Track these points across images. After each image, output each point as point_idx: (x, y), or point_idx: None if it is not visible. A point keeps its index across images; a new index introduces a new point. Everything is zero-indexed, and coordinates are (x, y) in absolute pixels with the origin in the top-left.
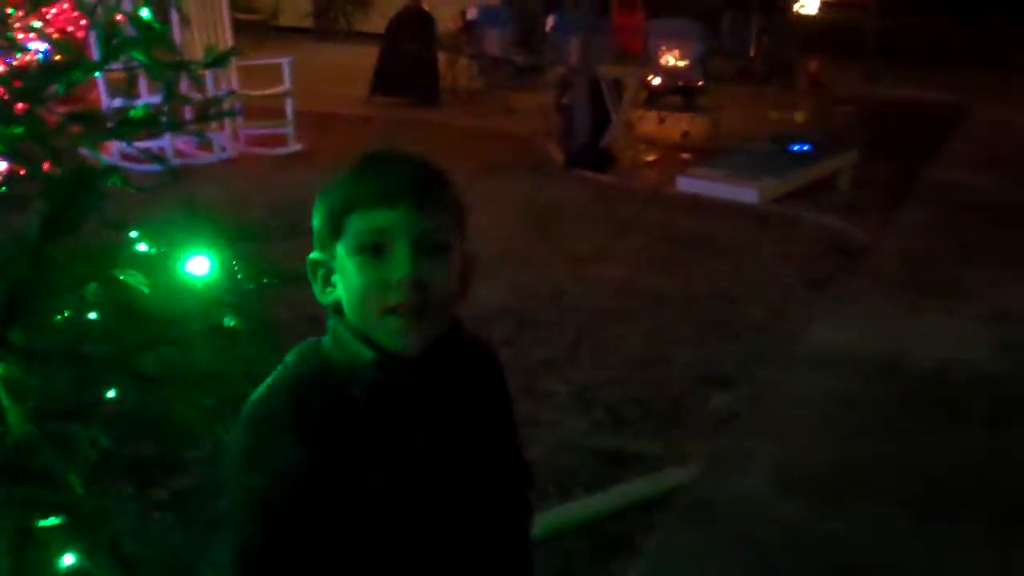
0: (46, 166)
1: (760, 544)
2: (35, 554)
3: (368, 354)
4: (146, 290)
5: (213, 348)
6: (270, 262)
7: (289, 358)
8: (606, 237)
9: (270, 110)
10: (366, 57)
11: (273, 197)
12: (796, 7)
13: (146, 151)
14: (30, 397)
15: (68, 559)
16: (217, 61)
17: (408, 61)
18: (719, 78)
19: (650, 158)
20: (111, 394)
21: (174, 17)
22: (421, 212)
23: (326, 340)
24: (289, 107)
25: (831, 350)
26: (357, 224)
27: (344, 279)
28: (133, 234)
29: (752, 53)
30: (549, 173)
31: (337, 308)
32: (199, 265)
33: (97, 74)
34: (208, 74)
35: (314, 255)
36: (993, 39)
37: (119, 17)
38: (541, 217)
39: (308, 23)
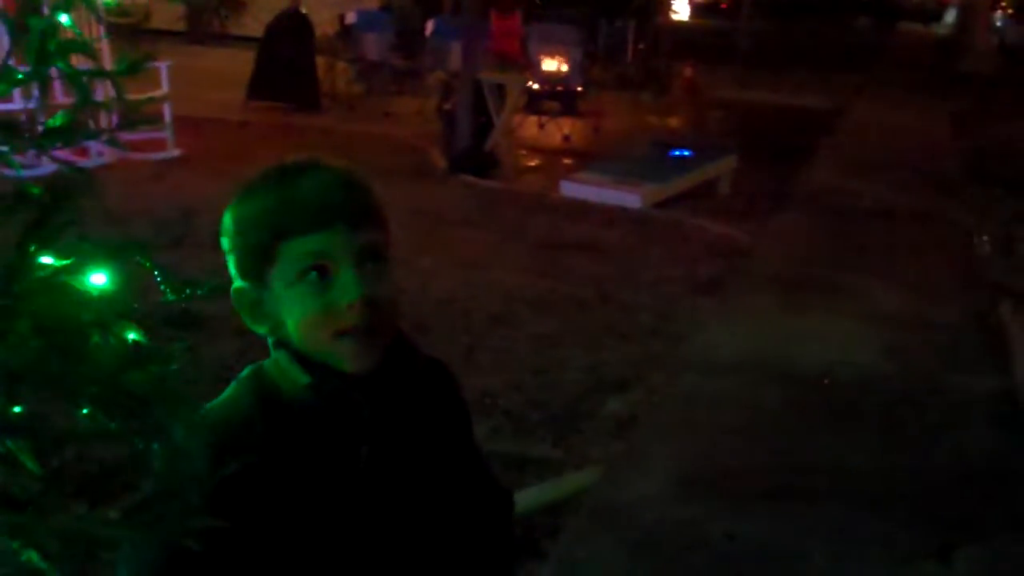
0: None
1: (663, 545)
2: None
3: (304, 379)
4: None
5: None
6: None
7: (239, 378)
8: (493, 242)
9: (145, 115)
10: (242, 61)
11: (154, 204)
12: (670, 13)
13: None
14: None
15: None
16: (132, 68)
17: (286, 65)
18: (597, 83)
19: (532, 163)
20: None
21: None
22: (359, 229)
23: (267, 365)
24: (167, 111)
25: (721, 353)
26: (292, 251)
27: (285, 307)
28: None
29: (629, 59)
30: (432, 178)
31: (275, 334)
32: (100, 279)
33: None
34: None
35: (239, 284)
36: (860, 42)
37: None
38: (426, 223)
39: (180, 26)
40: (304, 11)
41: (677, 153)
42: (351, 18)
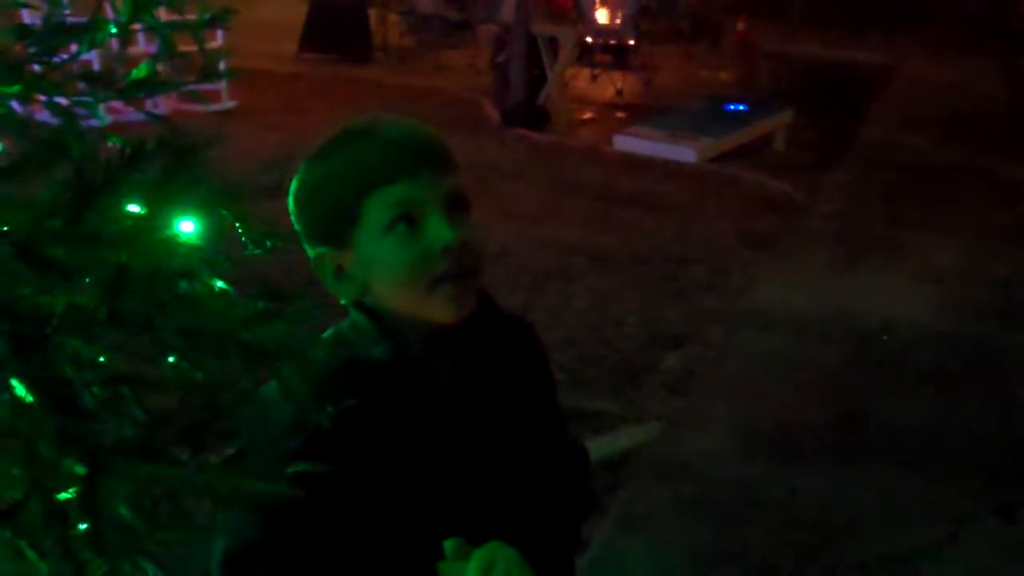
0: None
1: (723, 502)
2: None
3: (384, 344)
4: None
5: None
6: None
7: (319, 341)
8: (547, 196)
9: (192, 66)
10: (293, 13)
11: (221, 154)
12: None
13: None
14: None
15: None
16: (216, 20)
17: (338, 17)
18: (650, 37)
19: (585, 116)
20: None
21: None
22: (443, 175)
23: (346, 329)
24: (222, 63)
25: (777, 309)
26: (380, 203)
27: (376, 263)
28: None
29: (681, 12)
30: (486, 131)
31: (357, 300)
32: (188, 227)
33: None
34: (140, 35)
35: (320, 250)
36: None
37: None
38: (480, 177)
39: None
40: None
41: (732, 107)
42: None
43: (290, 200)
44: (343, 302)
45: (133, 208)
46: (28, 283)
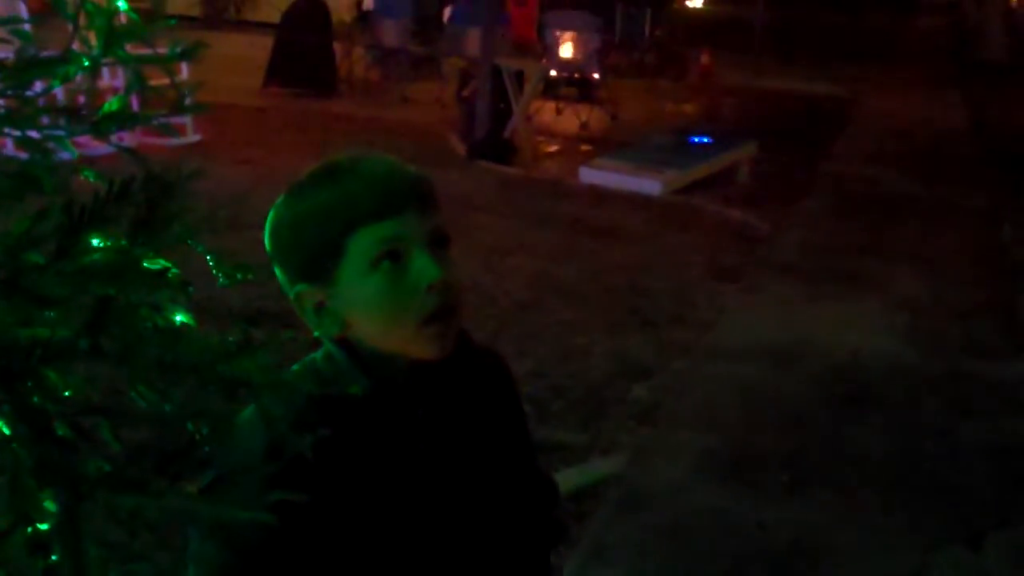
0: None
1: (692, 532)
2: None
3: (363, 381)
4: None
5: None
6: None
7: (290, 373)
8: (514, 228)
9: (161, 101)
10: (258, 47)
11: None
12: (685, 1)
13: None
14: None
15: None
16: (186, 54)
17: (304, 51)
18: (615, 70)
19: (551, 149)
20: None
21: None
22: (426, 213)
23: (321, 364)
24: (190, 97)
25: (744, 339)
26: (364, 240)
27: (360, 300)
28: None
29: (646, 46)
30: (452, 164)
31: (334, 334)
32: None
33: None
34: (105, 68)
35: (301, 287)
36: (874, 32)
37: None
38: (447, 209)
39: (196, 11)
40: None
41: (696, 140)
42: (369, 4)
43: (267, 236)
44: (318, 335)
45: (115, 242)
46: (9, 315)
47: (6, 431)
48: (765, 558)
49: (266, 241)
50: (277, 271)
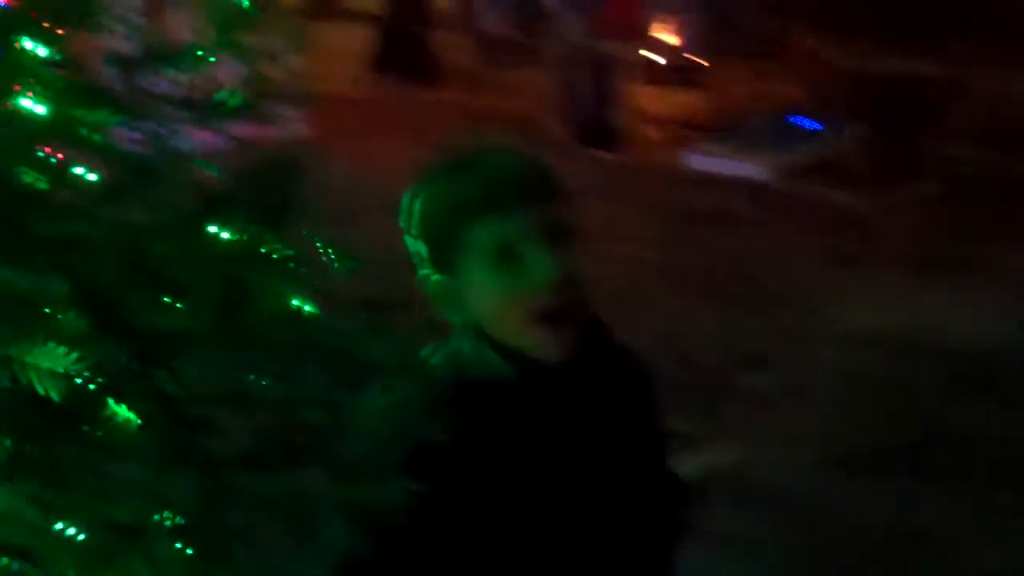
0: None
1: (808, 523)
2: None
3: (508, 369)
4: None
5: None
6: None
7: (428, 358)
8: (621, 215)
9: (271, 91)
10: (361, 37)
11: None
12: None
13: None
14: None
15: None
16: (296, 45)
17: (406, 41)
18: (719, 54)
19: (655, 134)
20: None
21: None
22: (546, 207)
23: (465, 349)
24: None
25: (858, 327)
26: (482, 234)
27: (477, 293)
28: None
29: (750, 29)
30: (555, 151)
31: (467, 323)
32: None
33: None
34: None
35: (428, 271)
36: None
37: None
38: None
39: (301, 2)
40: None
41: (803, 123)
42: None
43: (401, 220)
44: (453, 322)
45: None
46: (140, 303)
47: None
48: (884, 548)
49: (401, 225)
50: (411, 252)
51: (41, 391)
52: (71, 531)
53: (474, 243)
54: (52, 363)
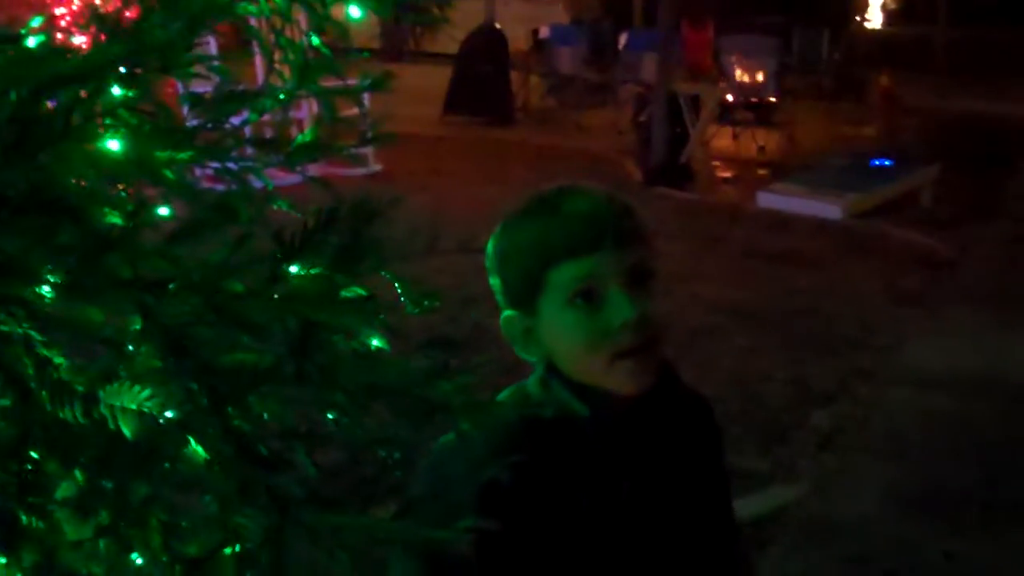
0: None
1: (877, 563)
2: None
3: (583, 410)
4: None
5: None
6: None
7: (501, 398)
8: (691, 254)
9: (348, 132)
10: (437, 77)
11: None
12: (863, 21)
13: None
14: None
15: None
16: (376, 85)
17: (481, 80)
18: (792, 93)
19: (727, 174)
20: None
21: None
22: (626, 249)
23: (534, 390)
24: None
25: (929, 366)
26: (562, 276)
27: (557, 333)
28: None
29: (824, 68)
30: (628, 191)
31: (548, 362)
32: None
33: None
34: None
35: (509, 313)
36: None
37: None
38: None
39: (376, 44)
40: (499, 27)
41: (878, 163)
42: (544, 32)
43: (487, 260)
44: (531, 361)
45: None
46: (215, 341)
47: (207, 455)
48: None
49: (486, 264)
50: (496, 292)
51: (113, 427)
52: (140, 562)
53: (556, 283)
54: (129, 401)
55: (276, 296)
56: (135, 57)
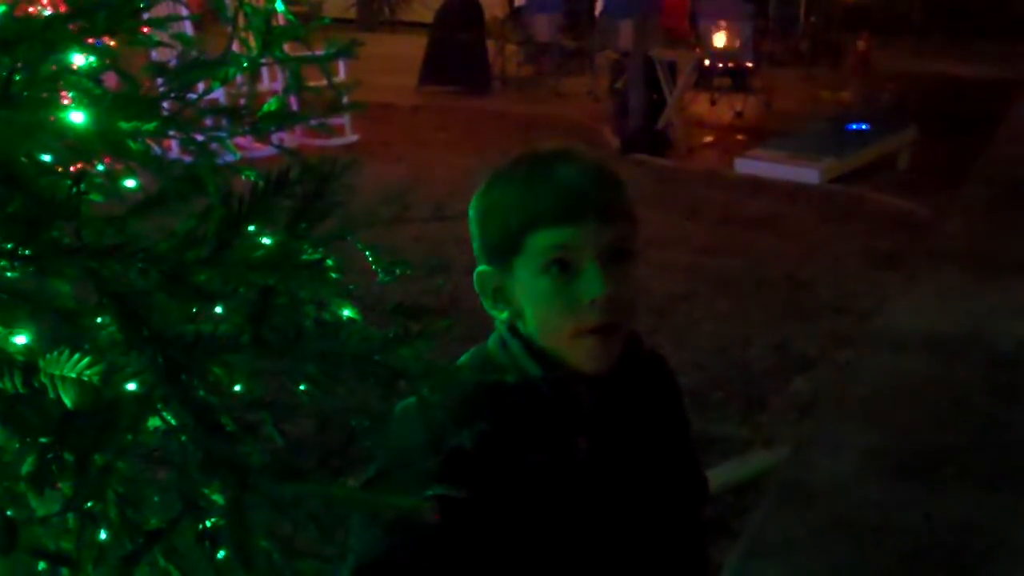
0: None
1: (856, 527)
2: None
3: (535, 370)
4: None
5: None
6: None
7: (462, 361)
8: (670, 221)
9: (318, 101)
10: (412, 46)
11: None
12: None
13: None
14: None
15: None
16: (342, 52)
17: (457, 49)
18: (769, 58)
19: (705, 140)
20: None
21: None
22: (607, 224)
23: (493, 350)
24: (345, 98)
25: (908, 329)
26: (540, 242)
27: (527, 297)
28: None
29: (800, 33)
30: (606, 158)
31: (510, 322)
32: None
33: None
34: (264, 70)
35: (484, 268)
36: None
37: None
38: None
39: (351, 14)
40: None
41: (854, 127)
42: (521, 0)
43: (469, 211)
44: (498, 319)
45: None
46: (175, 310)
47: (173, 423)
48: (932, 553)
49: (468, 215)
50: (473, 244)
51: (53, 396)
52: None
53: (534, 248)
54: (69, 370)
55: (229, 261)
56: (100, 25)
